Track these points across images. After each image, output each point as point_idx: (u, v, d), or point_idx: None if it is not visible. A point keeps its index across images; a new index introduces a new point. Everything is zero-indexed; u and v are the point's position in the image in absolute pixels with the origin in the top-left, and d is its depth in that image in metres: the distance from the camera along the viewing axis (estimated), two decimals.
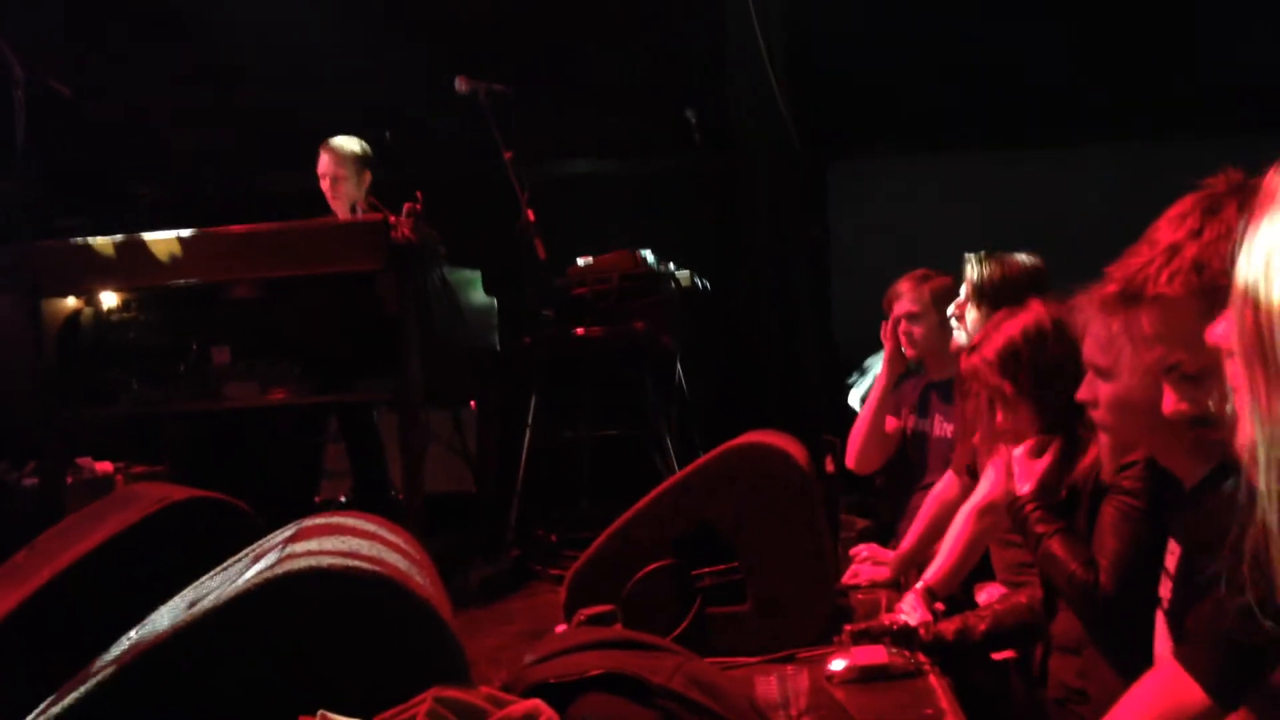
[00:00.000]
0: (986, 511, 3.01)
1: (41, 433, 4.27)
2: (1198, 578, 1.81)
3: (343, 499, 5.24)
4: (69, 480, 4.70)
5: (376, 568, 1.23)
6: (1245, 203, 1.52)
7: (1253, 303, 1.03)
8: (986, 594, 3.13)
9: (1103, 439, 2.05)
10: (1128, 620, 2.12)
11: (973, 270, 3.38)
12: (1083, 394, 2.01)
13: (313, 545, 1.32)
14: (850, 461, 4.05)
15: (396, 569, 1.27)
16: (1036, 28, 6.92)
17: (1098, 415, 2.00)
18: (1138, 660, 1.98)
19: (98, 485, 4.88)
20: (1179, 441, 1.90)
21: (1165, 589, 1.94)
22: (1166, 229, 1.58)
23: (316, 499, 5.49)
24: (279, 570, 1.21)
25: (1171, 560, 1.93)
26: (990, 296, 3.27)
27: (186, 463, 5.02)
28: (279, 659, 1.22)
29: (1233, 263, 1.50)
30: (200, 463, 5.01)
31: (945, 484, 3.44)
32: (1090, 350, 1.99)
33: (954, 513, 3.16)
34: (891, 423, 4.04)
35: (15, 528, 4.68)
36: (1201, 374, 1.55)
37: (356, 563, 1.24)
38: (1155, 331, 1.56)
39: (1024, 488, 2.42)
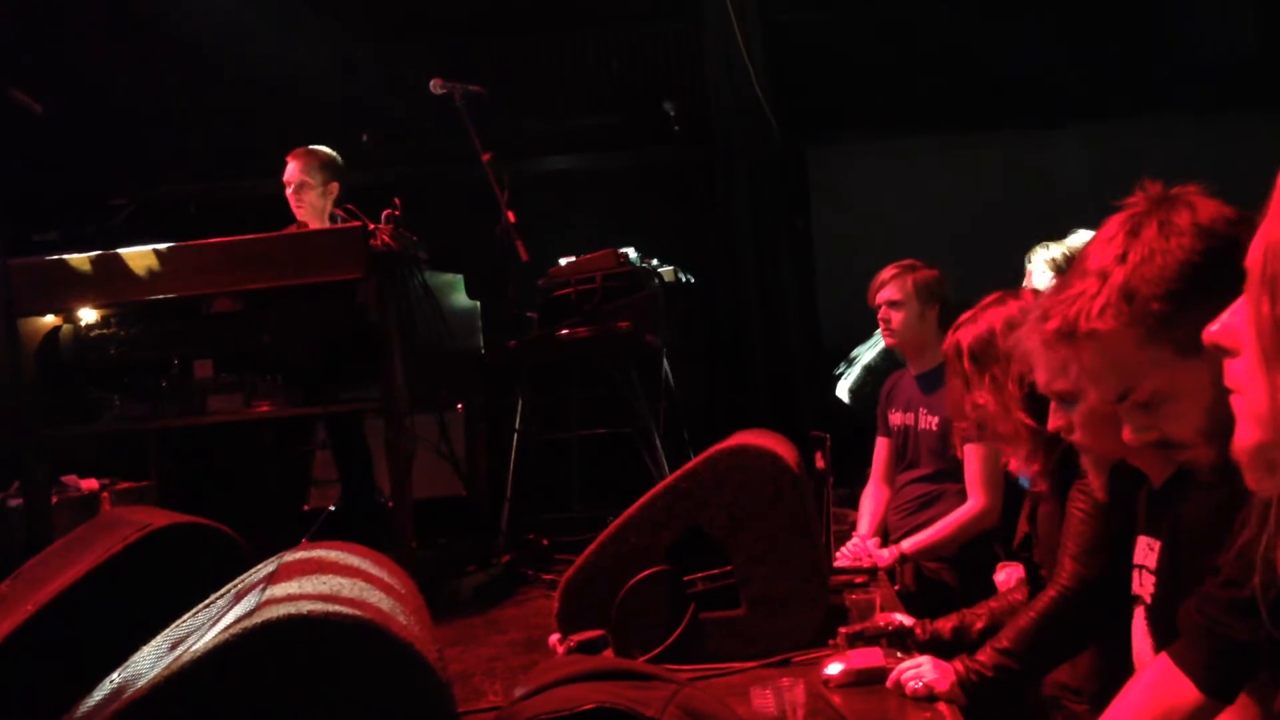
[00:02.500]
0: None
1: (22, 452, 4.22)
2: (1185, 571, 1.80)
3: (332, 508, 5.20)
4: (55, 499, 4.66)
5: (357, 612, 1.20)
6: (1165, 220, 1.51)
7: (1272, 296, 0.97)
8: (1006, 574, 3.11)
9: (1086, 461, 2.04)
10: (1108, 611, 2.10)
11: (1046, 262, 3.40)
12: (1055, 424, 2.00)
13: (293, 587, 1.29)
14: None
15: (379, 611, 1.24)
16: (1012, 10, 6.92)
17: (1075, 439, 1.98)
18: (1127, 657, 1.97)
19: (84, 503, 4.85)
20: None
21: (1145, 586, 1.92)
22: (1095, 254, 1.56)
23: (305, 508, 5.45)
24: (258, 619, 1.18)
25: (1151, 557, 1.91)
26: None
27: (173, 477, 4.97)
28: (261, 709, 1.19)
29: (1176, 280, 1.49)
30: (187, 477, 4.97)
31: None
32: (1047, 380, 1.97)
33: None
34: (895, 419, 4.03)
35: (3, 548, 4.66)
36: (1153, 399, 1.54)
37: (337, 607, 1.21)
38: (1097, 365, 1.54)
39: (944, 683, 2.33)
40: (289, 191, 4.86)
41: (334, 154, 4.94)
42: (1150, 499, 1.94)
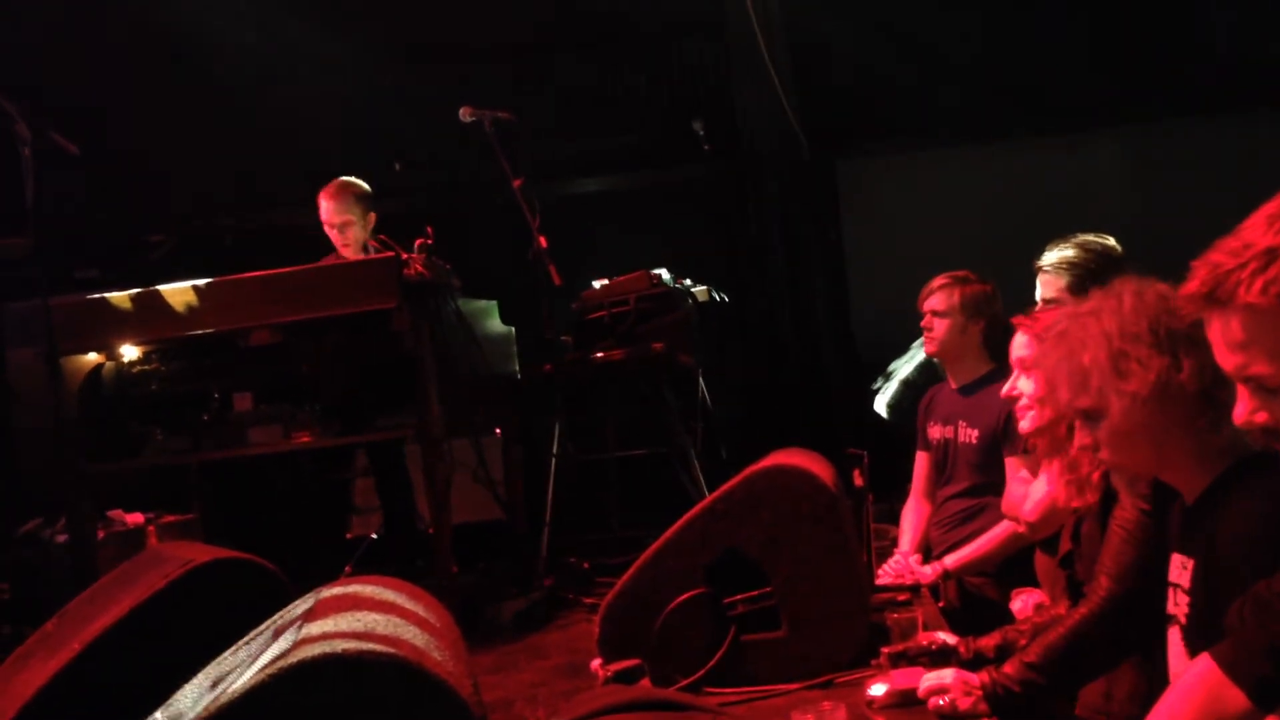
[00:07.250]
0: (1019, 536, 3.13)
1: (64, 488, 4.29)
2: (1222, 589, 1.77)
3: (374, 535, 5.23)
4: (101, 533, 4.71)
5: (391, 650, 1.21)
6: None
7: None
8: (1022, 600, 3.08)
9: (1116, 479, 2.00)
10: (1141, 628, 2.06)
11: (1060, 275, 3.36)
12: (1081, 442, 1.96)
13: (328, 625, 1.30)
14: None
15: (413, 647, 1.24)
16: (1037, 17, 6.89)
17: (1103, 455, 1.94)
18: (1161, 678, 1.94)
19: (129, 537, 4.90)
20: (1182, 456, 1.86)
21: (1180, 605, 1.89)
22: (1261, 229, 1.47)
23: (348, 535, 5.49)
24: (294, 658, 1.19)
25: (1185, 575, 1.88)
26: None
27: (216, 509, 5.02)
28: None
29: None
30: (230, 508, 5.02)
31: None
32: (1067, 397, 1.92)
33: None
34: (934, 433, 3.99)
35: (51, 583, 4.72)
36: None
37: (371, 645, 1.21)
38: (1243, 338, 1.49)
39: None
40: (332, 231, 4.86)
41: (363, 183, 4.97)
42: (1184, 515, 1.91)
